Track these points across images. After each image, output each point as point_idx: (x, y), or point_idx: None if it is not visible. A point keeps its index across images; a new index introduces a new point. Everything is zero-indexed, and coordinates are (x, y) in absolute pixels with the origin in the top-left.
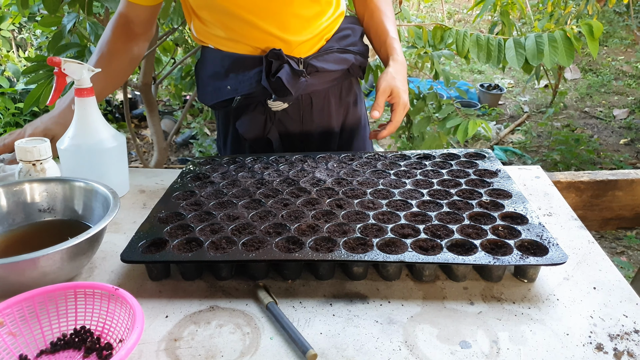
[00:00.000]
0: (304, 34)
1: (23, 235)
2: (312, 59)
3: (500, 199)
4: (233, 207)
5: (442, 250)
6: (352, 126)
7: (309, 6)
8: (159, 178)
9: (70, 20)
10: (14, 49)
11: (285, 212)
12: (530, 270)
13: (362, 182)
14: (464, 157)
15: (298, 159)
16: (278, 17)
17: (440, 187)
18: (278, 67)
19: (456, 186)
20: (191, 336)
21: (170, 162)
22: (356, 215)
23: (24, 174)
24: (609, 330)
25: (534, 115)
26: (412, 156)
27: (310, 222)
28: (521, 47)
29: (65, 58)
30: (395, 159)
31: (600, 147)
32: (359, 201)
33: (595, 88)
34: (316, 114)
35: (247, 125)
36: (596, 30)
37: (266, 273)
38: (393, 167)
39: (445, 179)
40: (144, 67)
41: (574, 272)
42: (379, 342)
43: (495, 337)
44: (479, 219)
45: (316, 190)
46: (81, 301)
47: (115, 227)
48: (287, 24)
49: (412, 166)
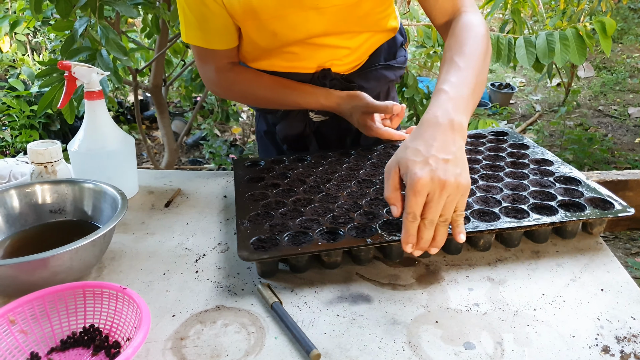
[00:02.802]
0: (349, 60)
1: (34, 236)
2: (354, 76)
3: (547, 165)
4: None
5: (529, 215)
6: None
7: (358, 37)
8: (168, 179)
9: (81, 24)
10: (29, 53)
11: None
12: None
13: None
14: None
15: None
16: (329, 50)
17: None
18: (327, 84)
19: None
20: (197, 335)
21: (181, 163)
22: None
23: (36, 175)
24: (616, 333)
25: (546, 114)
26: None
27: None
28: (532, 45)
29: (75, 62)
30: None
31: (614, 146)
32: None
33: (609, 86)
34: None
35: (286, 130)
36: (609, 27)
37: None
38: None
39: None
40: (155, 69)
41: (581, 274)
42: (383, 342)
43: (499, 338)
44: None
45: (383, 179)
46: (90, 300)
47: (124, 227)
48: (337, 54)
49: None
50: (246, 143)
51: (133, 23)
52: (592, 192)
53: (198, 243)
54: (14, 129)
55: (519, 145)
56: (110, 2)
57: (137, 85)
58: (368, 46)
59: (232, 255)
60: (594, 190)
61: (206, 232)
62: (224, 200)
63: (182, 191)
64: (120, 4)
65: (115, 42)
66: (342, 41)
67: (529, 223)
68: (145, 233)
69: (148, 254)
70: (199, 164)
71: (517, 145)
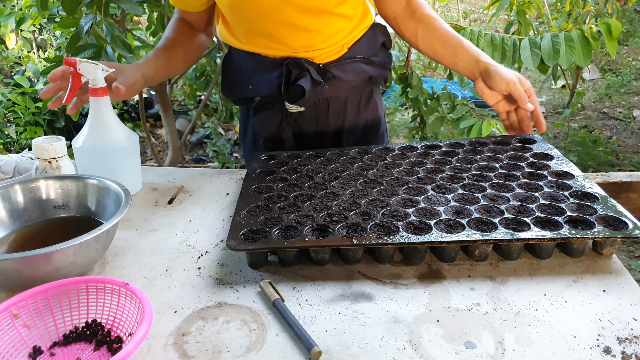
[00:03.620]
0: (326, 45)
1: (39, 231)
2: (331, 67)
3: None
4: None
5: (529, 228)
6: (369, 131)
7: (334, 23)
8: (171, 176)
9: (87, 21)
10: (34, 50)
11: (367, 200)
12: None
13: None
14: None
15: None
16: (303, 34)
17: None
18: (298, 74)
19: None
20: (199, 331)
21: (184, 161)
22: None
23: (41, 171)
24: (618, 334)
25: (551, 116)
26: (466, 144)
27: (402, 209)
28: (537, 46)
29: (80, 58)
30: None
31: (619, 148)
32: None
33: (614, 88)
34: (332, 118)
35: (262, 123)
36: (614, 29)
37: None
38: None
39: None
40: None
41: (583, 275)
42: (384, 340)
43: (501, 338)
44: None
45: (390, 180)
46: (93, 295)
47: (127, 224)
48: (312, 40)
49: (469, 154)
50: None
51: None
52: (608, 210)
53: (201, 240)
54: (19, 125)
55: (543, 156)
56: (116, 0)
57: None
58: (344, 35)
59: (235, 252)
60: (612, 209)
61: (209, 229)
62: (227, 197)
63: (185, 188)
64: (126, 1)
65: (120, 39)
66: (315, 24)
67: (526, 236)
68: (148, 229)
69: (151, 250)
70: (203, 163)
71: (541, 155)
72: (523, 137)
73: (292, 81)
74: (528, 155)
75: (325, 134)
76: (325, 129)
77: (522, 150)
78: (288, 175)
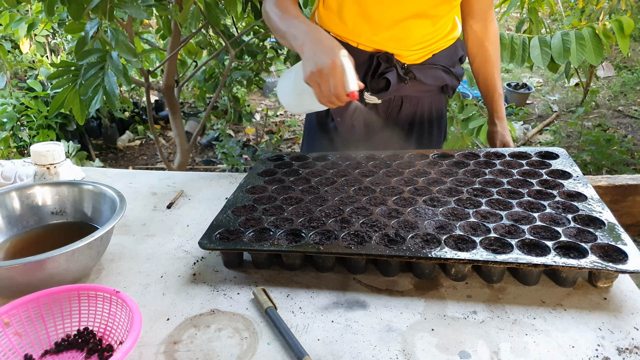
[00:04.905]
0: (417, 47)
1: (35, 237)
2: (414, 68)
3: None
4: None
5: (512, 251)
6: (433, 133)
7: (425, 26)
8: (171, 180)
9: (92, 26)
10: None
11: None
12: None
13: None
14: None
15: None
16: (395, 33)
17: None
18: (385, 68)
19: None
20: (190, 339)
21: (195, 163)
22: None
23: (39, 177)
24: (618, 344)
25: (564, 115)
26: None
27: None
28: (547, 45)
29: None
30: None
31: (634, 147)
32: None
33: (629, 86)
34: (402, 116)
35: (339, 107)
36: (626, 26)
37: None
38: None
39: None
40: (167, 70)
41: (583, 282)
42: (377, 350)
43: (496, 347)
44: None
45: (384, 189)
46: (84, 303)
47: (124, 229)
48: (403, 40)
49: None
50: (259, 143)
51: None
52: (610, 240)
53: (197, 246)
54: (32, 129)
55: (560, 173)
56: (121, 5)
57: (149, 86)
58: (433, 42)
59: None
60: (616, 238)
61: None
62: (225, 202)
63: (184, 193)
64: (131, 6)
65: (125, 44)
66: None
67: (503, 259)
68: (145, 235)
69: (147, 256)
70: (213, 164)
71: (558, 172)
72: (544, 152)
73: (378, 74)
74: (544, 171)
75: (392, 129)
76: (393, 125)
77: (540, 166)
78: (286, 177)
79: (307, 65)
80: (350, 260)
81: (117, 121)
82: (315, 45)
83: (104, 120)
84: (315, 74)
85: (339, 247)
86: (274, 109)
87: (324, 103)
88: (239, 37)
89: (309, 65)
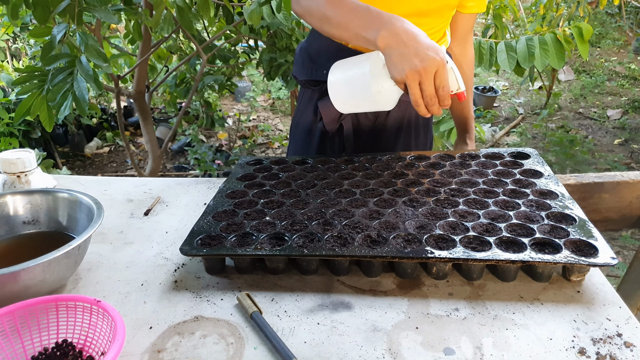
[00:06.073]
0: None
1: (7, 248)
2: None
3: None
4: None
5: (490, 248)
6: (418, 141)
7: (421, 27)
8: (147, 187)
9: (60, 30)
10: (8, 59)
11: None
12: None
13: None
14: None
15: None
16: None
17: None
18: None
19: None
20: (175, 347)
21: (166, 170)
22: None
23: (9, 185)
24: (592, 335)
25: (529, 117)
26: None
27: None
28: (512, 50)
29: None
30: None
31: (594, 147)
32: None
33: (589, 89)
34: (390, 120)
35: (327, 108)
36: (586, 32)
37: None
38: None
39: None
40: (137, 76)
41: (558, 277)
42: (363, 350)
43: (479, 343)
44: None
45: (364, 190)
46: (63, 314)
47: (101, 237)
48: None
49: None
50: (232, 149)
51: (116, 28)
52: (581, 235)
53: (177, 252)
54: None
55: (532, 173)
56: (90, 8)
57: (119, 92)
58: None
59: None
60: (587, 233)
61: None
62: (204, 207)
63: (162, 199)
64: (100, 10)
65: (95, 48)
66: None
67: (482, 256)
68: (123, 242)
69: (126, 264)
70: (185, 171)
71: (530, 172)
72: (517, 152)
73: None
74: (517, 171)
75: (381, 133)
76: (381, 128)
77: (513, 166)
78: (267, 181)
79: (405, 62)
80: (334, 262)
81: (85, 128)
82: (410, 39)
83: (70, 127)
84: (420, 72)
85: (323, 249)
86: (246, 113)
87: (418, 104)
88: (211, 41)
89: (409, 62)
